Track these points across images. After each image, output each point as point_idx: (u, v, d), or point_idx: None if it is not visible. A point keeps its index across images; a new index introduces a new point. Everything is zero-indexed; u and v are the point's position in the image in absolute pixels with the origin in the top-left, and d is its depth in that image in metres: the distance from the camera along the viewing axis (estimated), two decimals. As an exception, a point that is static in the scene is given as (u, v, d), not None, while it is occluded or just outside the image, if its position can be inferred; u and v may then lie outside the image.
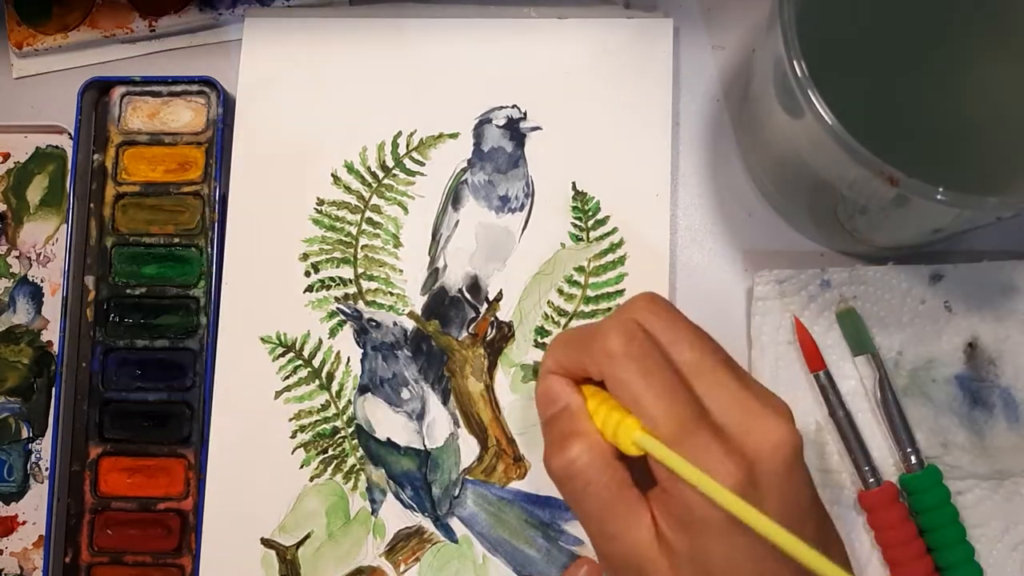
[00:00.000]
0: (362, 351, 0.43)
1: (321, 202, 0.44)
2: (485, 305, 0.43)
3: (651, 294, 0.33)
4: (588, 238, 0.43)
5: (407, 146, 0.45)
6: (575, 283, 0.43)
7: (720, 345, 0.33)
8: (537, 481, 0.42)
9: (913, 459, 0.40)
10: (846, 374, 0.42)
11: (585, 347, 0.31)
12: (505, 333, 0.43)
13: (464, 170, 0.44)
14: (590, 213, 0.43)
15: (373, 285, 0.44)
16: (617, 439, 0.30)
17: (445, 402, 0.43)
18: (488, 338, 0.43)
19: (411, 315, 0.43)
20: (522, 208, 0.44)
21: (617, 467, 0.31)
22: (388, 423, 0.43)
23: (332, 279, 0.44)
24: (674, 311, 0.33)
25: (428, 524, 0.42)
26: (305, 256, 0.44)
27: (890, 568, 0.40)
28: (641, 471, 0.31)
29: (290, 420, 0.43)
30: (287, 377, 0.43)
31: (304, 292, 0.44)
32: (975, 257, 0.42)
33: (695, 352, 0.31)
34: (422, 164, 0.44)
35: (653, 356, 0.30)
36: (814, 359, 0.41)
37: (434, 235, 0.44)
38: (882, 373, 0.41)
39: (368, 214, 0.44)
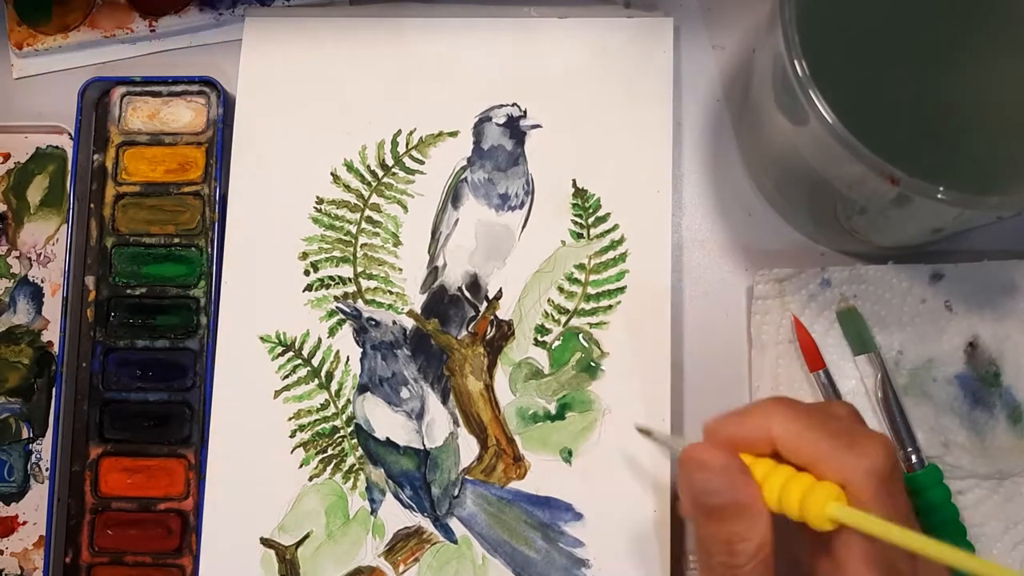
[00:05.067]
0: (361, 350, 0.43)
1: (321, 201, 0.44)
2: (485, 303, 0.43)
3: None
4: (588, 235, 0.43)
5: (407, 144, 0.45)
6: (575, 281, 0.43)
7: None
8: (537, 481, 0.42)
9: (914, 458, 0.40)
10: (847, 373, 0.41)
11: (833, 444, 0.28)
12: (505, 332, 0.43)
13: (464, 168, 0.44)
14: (590, 211, 0.43)
15: (372, 284, 0.44)
16: (806, 507, 0.27)
17: (444, 401, 0.43)
18: (488, 337, 0.43)
19: (410, 314, 0.43)
20: (522, 206, 0.44)
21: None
22: (387, 422, 0.43)
23: (331, 278, 0.44)
24: None
25: (427, 524, 0.42)
26: (304, 255, 0.44)
27: (890, 567, 0.40)
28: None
29: (289, 419, 0.43)
30: (286, 376, 0.43)
31: (303, 291, 0.44)
32: (976, 256, 0.42)
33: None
34: (422, 162, 0.44)
35: (897, 499, 0.27)
36: (813, 358, 0.41)
37: (434, 233, 0.44)
38: (883, 372, 0.41)
39: (368, 213, 0.44)
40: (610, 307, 0.43)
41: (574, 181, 0.44)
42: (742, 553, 0.28)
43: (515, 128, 0.44)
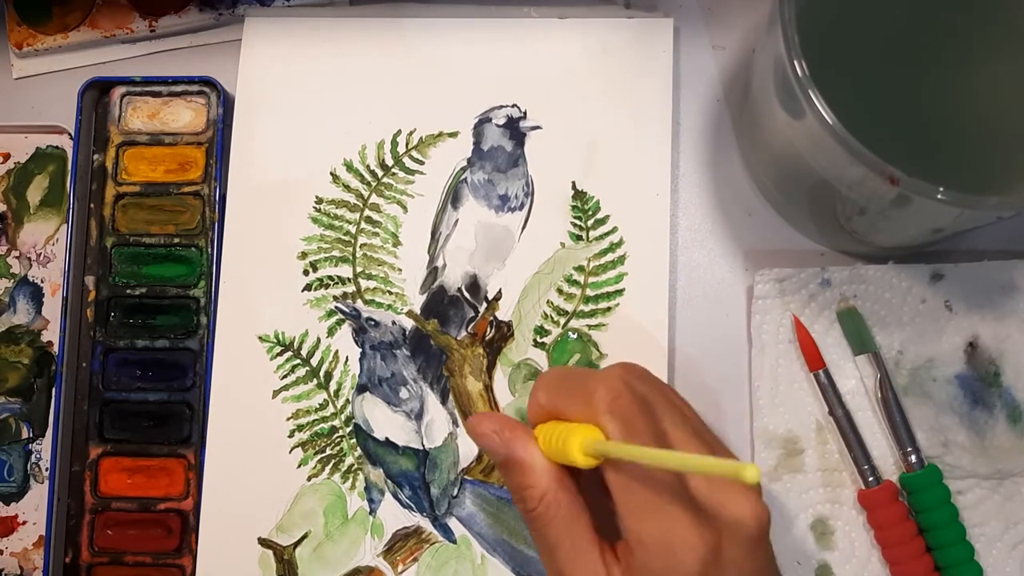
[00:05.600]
0: (360, 350, 0.43)
1: (320, 201, 0.44)
2: (484, 304, 0.43)
3: (631, 363, 0.33)
4: (588, 237, 0.43)
5: (407, 145, 0.45)
6: (575, 283, 0.43)
7: (696, 413, 0.33)
8: (536, 481, 0.42)
9: (913, 458, 0.40)
10: (847, 373, 0.41)
11: (571, 394, 0.32)
12: (504, 333, 0.43)
13: (464, 169, 0.44)
14: (590, 212, 0.43)
15: (372, 284, 0.44)
16: (566, 449, 0.30)
17: (444, 402, 0.43)
18: (487, 337, 0.43)
19: (410, 314, 0.43)
20: (522, 207, 0.44)
21: (572, 503, 0.31)
22: (386, 422, 0.43)
23: (331, 278, 0.44)
24: (655, 377, 0.33)
25: (426, 524, 0.42)
26: (304, 255, 0.44)
27: (889, 567, 0.40)
28: (605, 520, 0.31)
29: (288, 419, 0.43)
30: (285, 376, 0.43)
31: (302, 291, 0.44)
32: (976, 256, 0.42)
33: (674, 418, 0.31)
34: (421, 163, 0.44)
35: (636, 417, 0.30)
36: (813, 358, 0.41)
37: (433, 234, 0.44)
38: (883, 372, 0.41)
39: (367, 213, 0.44)
40: (609, 309, 0.43)
41: (574, 183, 0.44)
42: (529, 499, 0.31)
43: (515, 129, 0.44)
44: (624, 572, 0.30)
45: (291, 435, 0.43)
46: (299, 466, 0.42)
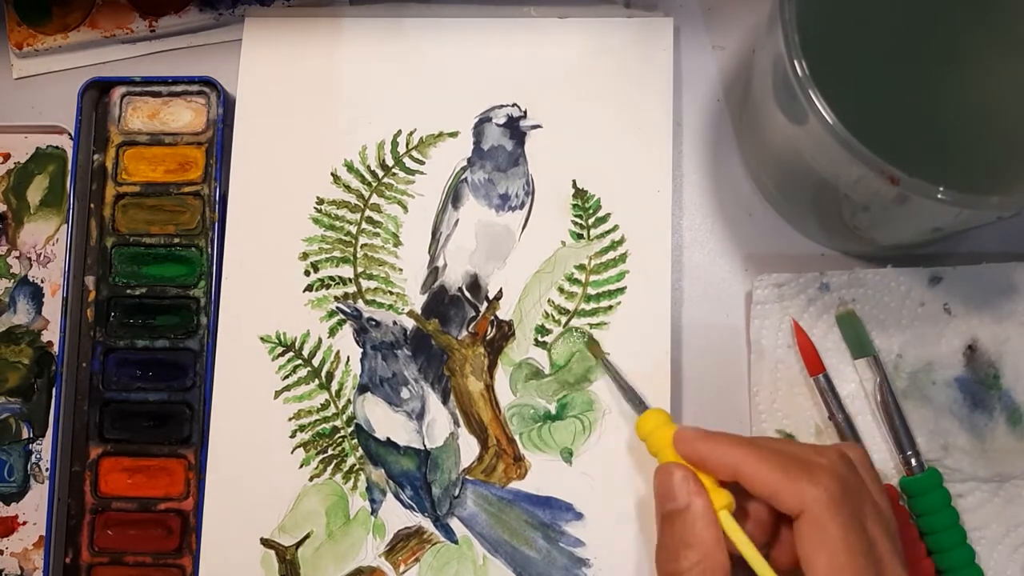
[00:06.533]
0: (362, 350, 0.43)
1: (321, 201, 0.44)
2: (485, 304, 0.43)
3: (849, 449, 0.33)
4: (589, 236, 0.43)
5: (407, 145, 0.45)
6: (576, 281, 0.43)
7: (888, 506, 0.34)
8: (537, 481, 0.42)
9: (913, 462, 0.40)
10: (846, 377, 0.41)
11: (786, 470, 0.31)
12: (505, 332, 0.43)
13: (464, 168, 0.44)
14: (591, 211, 0.43)
15: (373, 284, 0.44)
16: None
17: (445, 401, 0.43)
18: (488, 337, 0.43)
19: (411, 314, 0.43)
20: (522, 206, 0.44)
21: None
22: (388, 422, 0.43)
23: (332, 278, 0.44)
24: (865, 473, 0.34)
25: (428, 524, 0.42)
26: (305, 255, 0.44)
27: (891, 570, 0.40)
28: None
29: (290, 420, 0.43)
30: (287, 376, 0.43)
31: (304, 291, 0.44)
32: (974, 259, 0.42)
33: (877, 520, 0.32)
34: (422, 163, 0.44)
35: (856, 515, 0.30)
36: (813, 363, 0.41)
37: (434, 234, 0.44)
38: (882, 376, 0.41)
39: (368, 213, 0.44)
40: (610, 307, 0.43)
41: (574, 181, 0.44)
42: (684, 559, 0.31)
43: (515, 128, 0.44)
44: None
45: (293, 435, 0.43)
46: (301, 466, 0.42)
